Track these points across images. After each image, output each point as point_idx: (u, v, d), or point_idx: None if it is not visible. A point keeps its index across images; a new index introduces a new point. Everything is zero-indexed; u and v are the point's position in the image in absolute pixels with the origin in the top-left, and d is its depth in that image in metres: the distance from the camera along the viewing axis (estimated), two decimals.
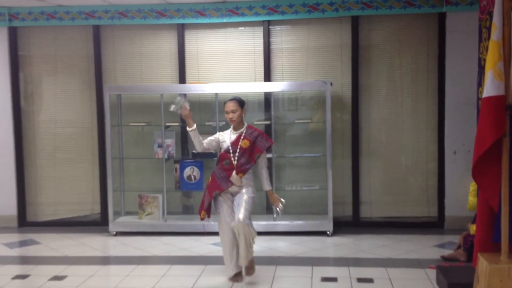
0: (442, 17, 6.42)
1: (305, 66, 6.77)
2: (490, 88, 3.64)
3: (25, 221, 7.11)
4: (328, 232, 6.31)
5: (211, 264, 5.28)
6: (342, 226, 6.56)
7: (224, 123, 6.26)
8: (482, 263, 3.72)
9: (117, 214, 6.74)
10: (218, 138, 4.90)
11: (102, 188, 6.90)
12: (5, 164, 7.01)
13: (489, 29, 3.88)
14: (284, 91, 6.62)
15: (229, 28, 6.83)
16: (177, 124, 6.73)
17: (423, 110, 6.64)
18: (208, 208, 4.81)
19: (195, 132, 4.75)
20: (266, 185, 4.86)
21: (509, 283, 3.56)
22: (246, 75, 6.80)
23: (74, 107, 7.08)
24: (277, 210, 4.96)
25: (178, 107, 4.67)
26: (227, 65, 6.85)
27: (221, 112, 5.69)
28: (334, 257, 5.59)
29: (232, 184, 4.75)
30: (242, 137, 4.80)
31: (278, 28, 6.77)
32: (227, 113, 4.80)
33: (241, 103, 4.82)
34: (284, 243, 6.07)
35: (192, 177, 6.63)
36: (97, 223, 6.96)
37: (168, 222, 6.56)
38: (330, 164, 6.26)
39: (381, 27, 6.64)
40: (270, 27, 6.72)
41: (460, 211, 6.25)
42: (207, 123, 6.48)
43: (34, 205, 7.17)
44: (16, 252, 6.04)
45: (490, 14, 3.85)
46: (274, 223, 6.38)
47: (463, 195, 6.00)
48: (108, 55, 6.99)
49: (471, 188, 5.54)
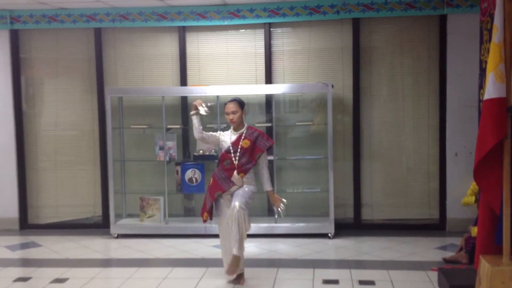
0: (443, 19, 6.41)
1: (306, 68, 6.78)
2: (492, 90, 3.64)
3: (26, 223, 7.12)
4: (329, 234, 6.30)
5: (212, 266, 5.27)
6: (343, 228, 6.56)
7: (225, 125, 6.26)
8: (484, 265, 3.72)
9: (118, 216, 6.74)
10: (218, 136, 4.94)
11: (104, 191, 6.91)
12: (6, 167, 7.02)
13: (490, 31, 3.88)
14: (285, 93, 6.62)
15: (230, 31, 6.83)
16: (178, 126, 6.74)
17: (424, 112, 6.63)
18: (210, 210, 4.82)
19: (198, 117, 4.82)
20: (267, 186, 4.86)
21: (510, 285, 3.57)
22: (247, 78, 6.81)
23: (76, 110, 7.09)
24: (278, 211, 4.96)
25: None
26: (228, 68, 6.86)
27: (222, 114, 5.68)
28: (335, 259, 5.59)
29: (233, 184, 4.75)
30: (242, 137, 4.82)
31: (279, 30, 6.78)
32: (227, 114, 4.82)
33: (241, 104, 4.84)
34: (285, 245, 6.06)
35: (194, 179, 6.63)
36: (99, 226, 6.96)
37: (169, 225, 6.56)
38: (332, 166, 6.26)
39: (382, 29, 6.64)
40: (271, 29, 6.73)
41: (461, 213, 6.25)
42: (208, 126, 6.48)
43: (35, 207, 7.17)
44: (18, 254, 6.04)
45: (491, 16, 3.85)
46: (275, 225, 6.38)
47: (465, 197, 6.00)
48: (110, 57, 7.00)
49: (471, 186, 5.54)
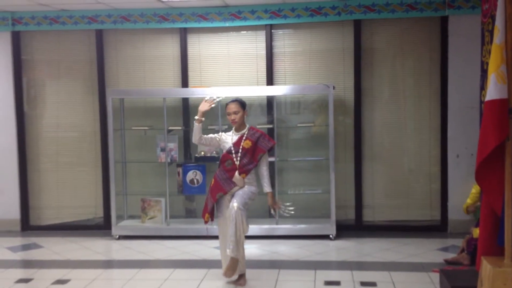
0: (444, 21, 6.41)
1: (308, 69, 6.78)
2: (493, 91, 3.64)
3: (28, 225, 7.12)
4: (331, 236, 6.30)
5: (214, 268, 5.26)
6: (345, 230, 6.55)
7: (226, 126, 6.26)
8: (486, 267, 3.71)
9: (120, 218, 6.74)
10: (218, 137, 4.92)
11: (105, 192, 6.91)
12: (8, 168, 7.02)
13: (491, 33, 3.88)
14: (286, 95, 6.62)
15: (232, 32, 6.84)
16: (179, 128, 6.74)
17: (426, 114, 6.63)
18: (211, 211, 4.81)
19: (199, 125, 4.80)
20: (266, 187, 4.81)
21: None
22: (248, 79, 6.81)
23: (77, 111, 7.10)
24: (276, 213, 4.88)
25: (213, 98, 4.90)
26: (230, 69, 6.86)
27: (223, 116, 5.68)
28: (337, 261, 5.58)
29: (234, 185, 4.75)
30: (244, 138, 4.81)
31: (280, 32, 6.78)
32: (229, 114, 4.82)
33: (242, 104, 4.84)
34: (286, 246, 6.06)
35: (195, 181, 6.63)
36: (100, 227, 6.97)
37: (170, 226, 6.56)
38: (333, 167, 6.26)
39: (383, 30, 6.64)
40: (272, 31, 6.73)
41: (463, 215, 6.21)
42: (209, 127, 6.48)
43: (37, 209, 7.17)
44: (19, 255, 6.04)
45: (493, 18, 3.85)
46: (276, 227, 6.37)
47: (466, 198, 5.98)
48: (111, 59, 7.01)
49: (472, 190, 5.53)
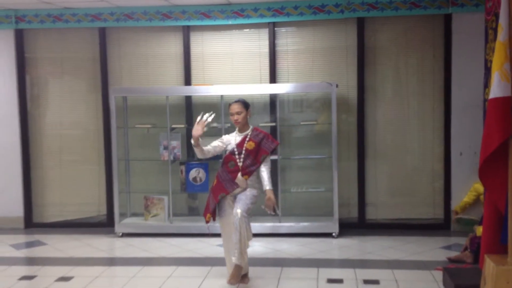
0: (448, 18, 6.40)
1: (311, 67, 6.77)
2: (497, 89, 3.63)
3: (31, 222, 7.14)
4: (333, 234, 6.30)
5: (217, 265, 5.27)
6: (347, 228, 6.55)
7: (229, 125, 6.26)
8: (489, 265, 3.71)
9: (123, 215, 6.76)
10: (222, 142, 4.85)
11: (108, 190, 6.92)
12: (11, 166, 7.04)
13: (495, 30, 3.87)
14: (289, 93, 6.62)
15: (234, 30, 6.83)
16: (182, 126, 6.75)
17: (429, 112, 6.62)
18: (213, 211, 4.79)
19: (199, 148, 4.67)
20: (266, 185, 4.70)
21: None
22: (251, 77, 6.81)
23: (80, 109, 7.11)
24: (266, 210, 4.77)
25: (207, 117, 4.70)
26: (233, 67, 6.86)
27: (226, 114, 5.68)
28: (339, 259, 5.58)
29: (237, 186, 4.74)
30: (247, 139, 4.79)
31: (283, 29, 6.77)
32: (232, 115, 4.79)
33: (245, 104, 4.81)
34: (289, 244, 6.06)
35: (198, 179, 6.64)
36: (103, 225, 6.98)
37: (173, 224, 6.57)
38: (336, 165, 6.25)
39: (386, 28, 6.63)
40: (275, 28, 6.72)
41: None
42: (212, 125, 6.48)
43: (40, 206, 7.20)
44: (23, 253, 6.06)
45: (496, 15, 3.84)
46: (279, 225, 6.37)
47: None
48: (114, 57, 7.01)
49: (471, 188, 5.53)
